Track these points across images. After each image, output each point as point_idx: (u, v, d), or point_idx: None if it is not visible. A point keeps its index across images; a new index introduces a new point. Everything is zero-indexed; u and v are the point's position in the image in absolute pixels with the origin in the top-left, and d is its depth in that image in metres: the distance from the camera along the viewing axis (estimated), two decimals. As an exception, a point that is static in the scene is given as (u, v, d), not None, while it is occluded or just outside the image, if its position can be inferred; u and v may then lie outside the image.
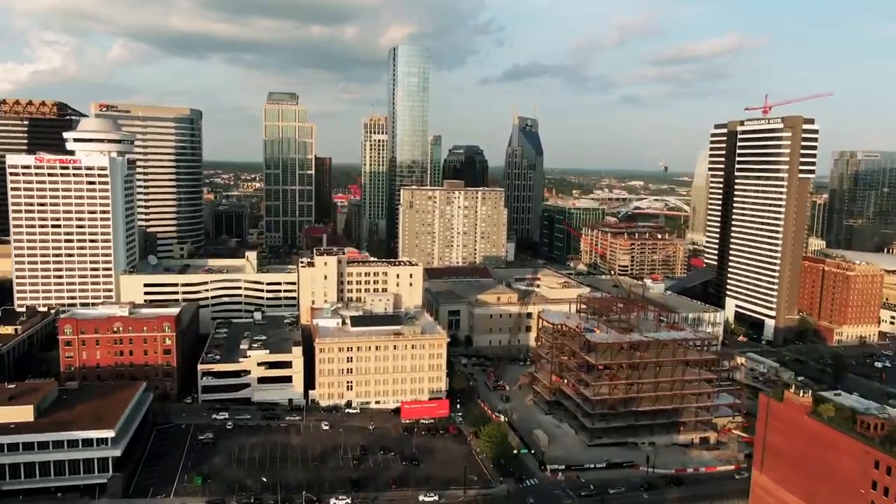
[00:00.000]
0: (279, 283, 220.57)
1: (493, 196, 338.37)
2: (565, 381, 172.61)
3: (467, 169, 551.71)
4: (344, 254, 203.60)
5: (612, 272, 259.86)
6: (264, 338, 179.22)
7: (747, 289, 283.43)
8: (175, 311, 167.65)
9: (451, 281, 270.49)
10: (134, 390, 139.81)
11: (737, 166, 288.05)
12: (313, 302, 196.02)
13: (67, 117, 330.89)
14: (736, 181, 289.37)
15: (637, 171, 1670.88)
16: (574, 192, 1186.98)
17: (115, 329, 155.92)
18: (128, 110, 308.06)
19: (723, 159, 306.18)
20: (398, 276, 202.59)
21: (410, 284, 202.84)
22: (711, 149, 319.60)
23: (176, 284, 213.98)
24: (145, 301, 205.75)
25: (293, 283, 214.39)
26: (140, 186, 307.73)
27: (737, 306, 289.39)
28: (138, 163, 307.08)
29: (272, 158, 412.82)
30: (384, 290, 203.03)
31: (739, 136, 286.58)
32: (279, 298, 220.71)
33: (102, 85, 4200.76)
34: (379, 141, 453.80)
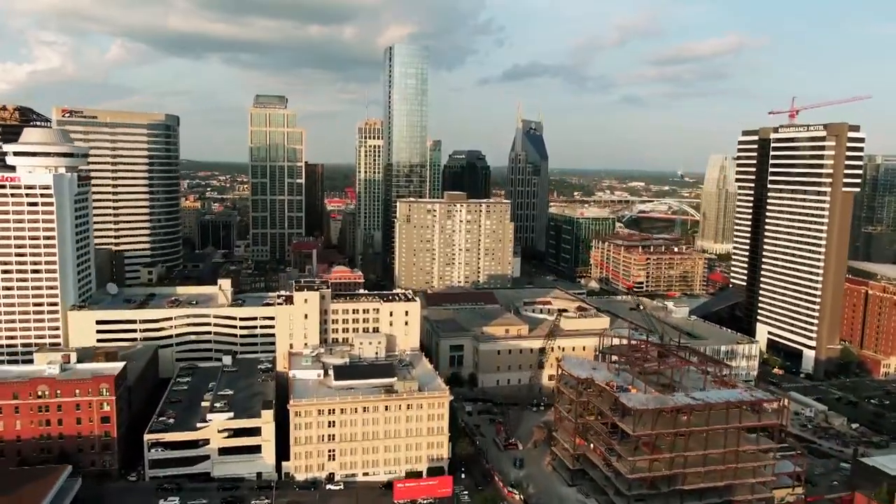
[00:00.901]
0: (255, 319, 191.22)
1: (498, 209, 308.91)
2: (591, 445, 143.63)
3: (468, 175, 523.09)
4: (328, 287, 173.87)
5: (643, 307, 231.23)
6: (230, 392, 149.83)
7: (783, 315, 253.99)
8: (117, 366, 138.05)
9: (452, 308, 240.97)
10: (54, 478, 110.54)
11: (770, 178, 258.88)
12: (291, 346, 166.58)
13: (32, 123, 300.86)
14: (769, 194, 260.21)
15: (637, 170, 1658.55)
16: (575, 193, 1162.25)
17: (39, 393, 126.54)
18: (94, 116, 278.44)
19: (753, 169, 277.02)
20: (391, 313, 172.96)
21: (406, 323, 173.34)
22: (739, 157, 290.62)
23: (134, 321, 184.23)
24: (97, 341, 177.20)
25: (271, 318, 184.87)
26: (109, 201, 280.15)
27: (770, 333, 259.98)
28: (107, 175, 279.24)
29: (258, 166, 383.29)
30: (375, 329, 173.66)
31: (773, 145, 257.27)
32: (255, 336, 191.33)
33: (101, 85, 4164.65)
34: (374, 146, 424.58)
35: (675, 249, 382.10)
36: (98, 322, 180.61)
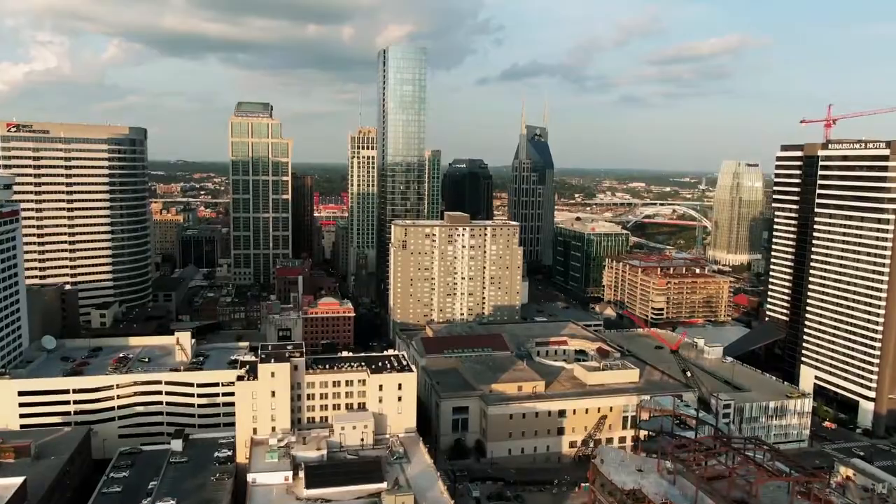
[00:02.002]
0: (217, 385, 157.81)
1: (504, 232, 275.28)
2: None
3: (470, 187, 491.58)
4: (301, 356, 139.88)
5: (690, 374, 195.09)
6: (172, 503, 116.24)
7: (834, 358, 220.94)
8: (12, 485, 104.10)
9: (454, 355, 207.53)
10: None
11: (818, 200, 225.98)
12: (255, 430, 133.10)
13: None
14: (816, 218, 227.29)
15: (637, 170, 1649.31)
16: (576, 195, 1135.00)
17: None
18: (46, 131, 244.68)
19: (796, 189, 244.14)
20: (381, 387, 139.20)
21: (399, 399, 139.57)
22: (778, 175, 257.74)
23: (66, 391, 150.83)
24: (21, 417, 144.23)
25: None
26: (64, 227, 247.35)
27: (817, 378, 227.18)
28: (61, 199, 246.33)
29: (240, 181, 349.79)
30: (361, 405, 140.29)
31: (822, 163, 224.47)
32: (216, 405, 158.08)
33: (98, 85, 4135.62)
34: (368, 157, 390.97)
35: (697, 271, 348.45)
36: (21, 394, 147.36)
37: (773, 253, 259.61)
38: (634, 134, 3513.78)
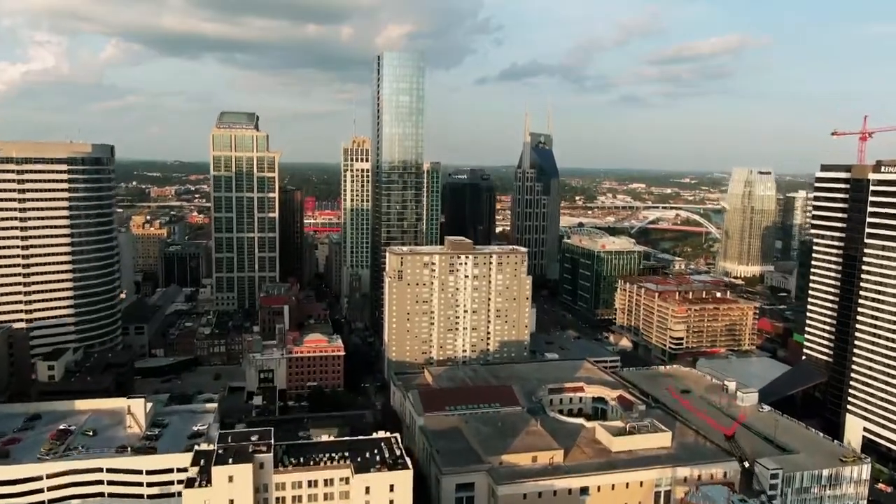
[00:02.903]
0: (171, 471, 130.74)
1: (512, 260, 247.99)
2: None
3: (471, 197, 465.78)
4: (269, 449, 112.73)
5: (746, 462, 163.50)
6: None
7: (887, 409, 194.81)
8: None
9: (457, 413, 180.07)
10: None
11: (868, 229, 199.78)
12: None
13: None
14: (866, 249, 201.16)
15: (637, 170, 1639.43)
16: (577, 198, 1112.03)
17: None
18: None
19: (841, 215, 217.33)
20: (368, 489, 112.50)
21: (391, 502, 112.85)
22: (818, 198, 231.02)
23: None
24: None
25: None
26: (18, 258, 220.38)
27: (866, 431, 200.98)
28: (14, 227, 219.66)
29: (222, 198, 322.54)
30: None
31: (874, 188, 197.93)
32: (171, 496, 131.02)
33: (96, 86, 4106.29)
34: (362, 170, 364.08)
35: (719, 295, 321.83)
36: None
37: (812, 285, 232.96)
38: (634, 134, 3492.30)
